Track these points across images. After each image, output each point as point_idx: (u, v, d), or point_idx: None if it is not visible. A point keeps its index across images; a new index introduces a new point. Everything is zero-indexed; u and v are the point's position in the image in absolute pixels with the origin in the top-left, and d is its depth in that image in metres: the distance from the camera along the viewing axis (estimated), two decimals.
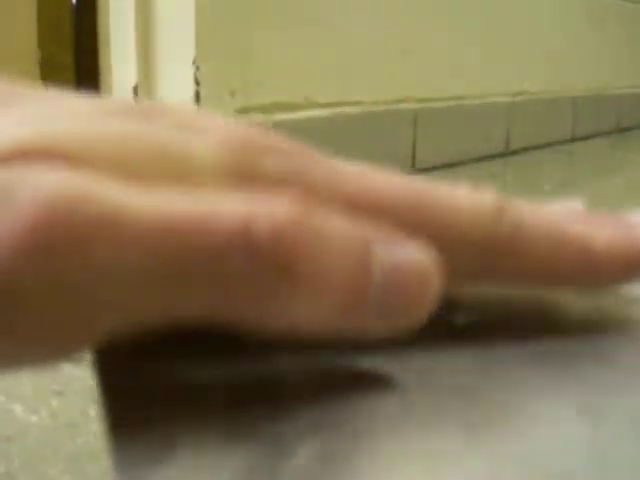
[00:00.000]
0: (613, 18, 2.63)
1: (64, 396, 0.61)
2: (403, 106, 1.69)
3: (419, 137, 1.73)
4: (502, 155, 2.06)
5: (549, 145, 2.29)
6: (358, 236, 0.13)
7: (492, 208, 0.16)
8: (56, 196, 0.11)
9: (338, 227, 0.13)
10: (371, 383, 0.14)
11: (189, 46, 1.17)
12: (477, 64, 1.93)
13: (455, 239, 0.15)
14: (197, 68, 1.17)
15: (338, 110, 1.50)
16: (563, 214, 0.18)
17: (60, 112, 0.14)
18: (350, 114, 1.52)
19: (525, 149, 2.17)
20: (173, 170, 0.13)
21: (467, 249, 0.15)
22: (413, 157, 1.72)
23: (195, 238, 0.12)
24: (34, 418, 0.57)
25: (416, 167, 1.73)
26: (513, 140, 2.12)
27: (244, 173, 0.14)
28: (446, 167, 1.81)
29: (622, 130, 2.78)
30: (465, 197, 0.16)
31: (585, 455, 0.12)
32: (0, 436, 0.55)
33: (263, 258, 0.12)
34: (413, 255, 0.13)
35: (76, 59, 1.26)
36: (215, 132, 0.15)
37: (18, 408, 0.59)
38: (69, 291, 0.11)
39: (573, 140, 2.46)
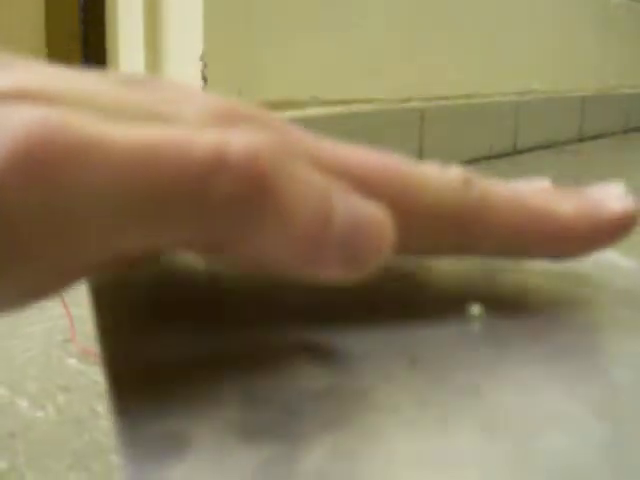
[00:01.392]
0: (622, 17, 2.62)
1: (70, 392, 0.61)
2: (410, 105, 1.68)
3: (426, 136, 1.72)
4: (509, 154, 2.06)
5: (556, 144, 2.29)
6: (324, 186, 0.14)
7: (459, 180, 0.16)
8: (35, 124, 0.11)
9: (307, 173, 0.14)
10: (383, 378, 0.14)
11: (197, 43, 1.17)
12: (484, 63, 1.92)
13: (423, 210, 0.16)
14: (205, 65, 1.17)
15: (345, 108, 1.50)
16: (529, 188, 0.18)
17: (48, 70, 0.14)
18: (357, 112, 1.52)
19: (532, 148, 2.16)
20: (156, 117, 0.14)
21: (435, 220, 0.16)
22: (420, 156, 1.72)
23: (172, 161, 0.12)
24: (40, 414, 0.57)
25: None
26: (520, 139, 2.11)
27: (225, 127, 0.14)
28: None
29: (630, 130, 2.77)
30: (433, 170, 0.16)
31: (601, 454, 0.12)
32: (6, 431, 0.55)
33: (236, 178, 0.13)
34: (372, 209, 0.14)
35: (84, 55, 1.26)
36: (202, 102, 0.15)
37: (24, 403, 0.59)
38: (51, 215, 0.12)
39: (581, 139, 2.45)
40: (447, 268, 0.20)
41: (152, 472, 0.11)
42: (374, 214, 0.14)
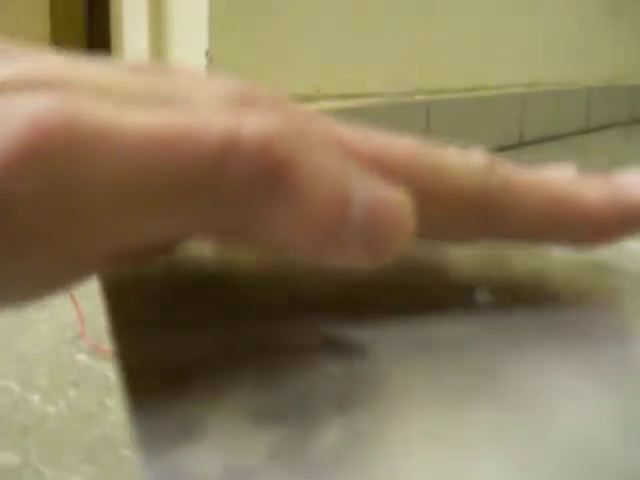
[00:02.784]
0: (628, 8, 2.60)
1: (80, 387, 0.61)
2: (416, 98, 1.68)
3: (432, 128, 1.72)
4: (515, 146, 2.05)
5: (563, 136, 2.28)
6: (342, 169, 0.14)
7: (482, 166, 0.16)
8: (49, 111, 0.11)
9: (323, 156, 0.14)
10: (397, 362, 0.14)
11: (202, 37, 1.17)
12: (490, 55, 1.91)
13: (445, 195, 0.16)
14: (210, 60, 1.17)
15: (350, 102, 1.49)
16: (553, 174, 0.18)
17: (62, 59, 0.14)
18: (362, 105, 1.52)
19: (539, 140, 2.15)
20: (168, 102, 0.14)
21: (457, 205, 0.16)
22: None
23: (185, 147, 0.12)
24: (51, 409, 0.58)
25: None
26: (527, 131, 2.10)
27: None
28: None
29: (637, 121, 2.76)
30: (456, 155, 0.16)
31: (617, 434, 0.12)
32: (17, 427, 0.55)
33: (249, 163, 0.12)
34: (391, 193, 0.14)
35: (89, 52, 1.26)
36: (216, 86, 0.15)
37: (35, 399, 0.59)
38: (67, 202, 0.11)
39: (587, 131, 2.44)
40: (460, 254, 0.20)
41: (166, 455, 0.11)
42: (394, 198, 0.14)
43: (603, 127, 2.52)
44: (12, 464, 0.50)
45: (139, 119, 0.12)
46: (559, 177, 0.17)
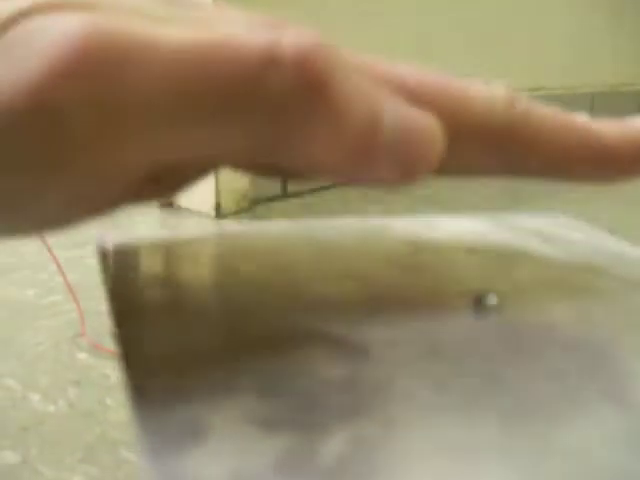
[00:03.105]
0: (633, 13, 2.60)
1: (81, 386, 0.61)
2: None
3: None
4: None
5: None
6: (375, 90, 0.14)
7: (505, 99, 0.17)
8: (87, 26, 0.11)
9: (358, 76, 0.14)
10: (402, 367, 0.14)
11: None
12: (493, 59, 1.91)
13: (469, 125, 0.16)
14: None
15: None
16: (572, 114, 0.18)
17: None
18: None
19: None
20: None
21: (481, 136, 0.16)
22: None
23: (224, 59, 0.12)
24: (51, 408, 0.58)
25: None
26: None
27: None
28: None
29: None
30: (480, 86, 0.17)
31: (620, 442, 0.12)
32: (17, 425, 0.55)
33: (288, 76, 0.12)
34: (422, 115, 0.14)
35: None
36: (248, 15, 0.15)
37: (35, 397, 0.59)
38: (105, 115, 0.12)
39: None
40: (464, 260, 0.20)
41: (170, 460, 0.11)
42: (425, 120, 0.14)
43: None
44: (12, 463, 0.50)
45: (175, 33, 0.12)
46: (576, 115, 0.18)
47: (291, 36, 0.13)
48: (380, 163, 0.14)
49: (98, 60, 0.11)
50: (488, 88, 0.17)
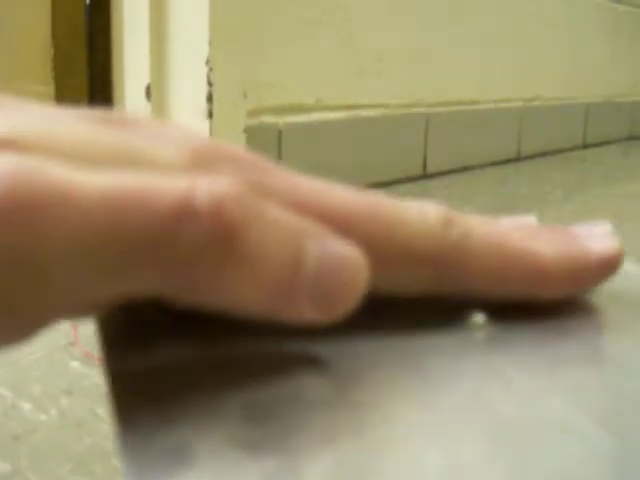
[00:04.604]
0: (627, 25, 2.62)
1: (73, 395, 0.61)
2: (415, 110, 1.68)
3: (430, 141, 1.72)
4: (513, 160, 2.06)
5: (561, 151, 2.29)
6: (295, 226, 0.14)
7: (439, 220, 0.16)
8: (8, 173, 0.12)
9: (277, 214, 0.14)
10: (386, 389, 0.14)
11: (202, 47, 1.17)
12: (490, 69, 1.92)
13: (400, 250, 0.16)
14: (210, 69, 1.17)
15: (350, 113, 1.50)
16: (511, 227, 0.19)
17: (29, 114, 0.15)
18: (362, 117, 1.52)
19: (537, 155, 2.16)
20: (131, 162, 0.14)
21: (415, 260, 0.16)
22: (424, 161, 1.72)
23: (138, 210, 0.12)
24: (43, 417, 0.57)
25: (427, 172, 1.73)
26: (525, 145, 2.11)
27: (200, 169, 0.15)
28: (457, 172, 1.80)
29: (634, 137, 2.77)
30: (413, 209, 0.16)
31: (604, 464, 0.12)
32: (9, 434, 0.55)
33: (202, 227, 0.13)
34: (345, 247, 0.14)
35: (89, 58, 1.26)
36: (182, 141, 0.15)
37: (27, 407, 0.59)
38: (18, 265, 0.12)
39: (585, 147, 2.45)
40: None
41: None
42: (349, 255, 0.14)
43: (600, 143, 2.52)
44: (2, 472, 0.50)
45: (96, 182, 0.12)
46: (517, 229, 0.18)
47: (206, 185, 0.13)
48: (301, 305, 0.14)
49: (16, 207, 0.11)
50: (421, 211, 0.16)
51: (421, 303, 0.19)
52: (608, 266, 0.18)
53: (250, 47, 1.26)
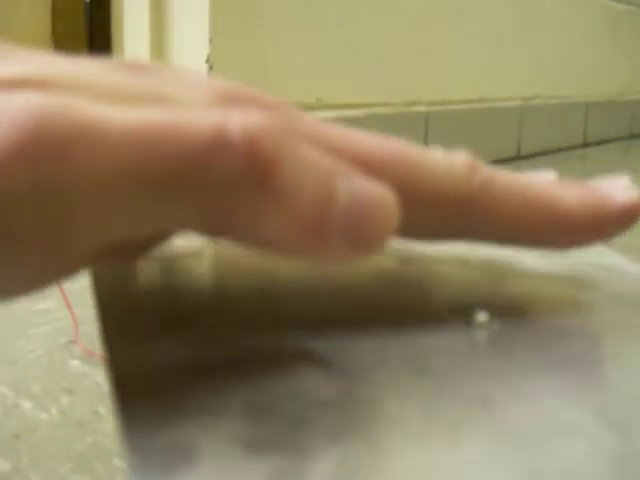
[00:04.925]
0: (628, 24, 2.61)
1: (74, 394, 0.61)
2: (415, 108, 1.68)
3: (430, 140, 1.72)
4: (513, 159, 2.05)
5: (561, 150, 2.28)
6: (327, 165, 0.14)
7: (465, 166, 0.17)
8: (39, 108, 0.11)
9: (309, 152, 0.14)
10: (390, 388, 0.14)
11: (202, 45, 1.17)
12: (490, 67, 1.92)
13: (426, 194, 0.16)
14: (210, 67, 1.17)
15: (350, 111, 1.50)
16: (534, 178, 0.19)
17: (54, 59, 0.15)
18: (362, 115, 1.52)
19: (537, 153, 2.16)
20: (158, 102, 0.14)
21: (437, 204, 0.16)
22: None
23: (171, 143, 0.12)
24: (44, 416, 0.57)
25: None
26: (525, 144, 2.11)
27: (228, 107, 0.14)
28: None
29: (634, 136, 2.77)
30: (440, 156, 0.17)
31: (610, 464, 0.12)
32: (9, 433, 0.55)
33: (235, 159, 0.12)
34: (376, 187, 0.14)
35: (89, 52, 1.26)
36: (208, 84, 0.15)
37: (28, 405, 0.59)
38: (53, 200, 0.11)
39: (585, 145, 2.44)
40: (453, 275, 0.20)
41: None
42: (379, 194, 0.14)
43: (601, 142, 2.52)
44: (2, 471, 0.50)
45: (125, 115, 0.12)
46: (540, 181, 0.18)
47: (239, 118, 0.13)
48: (333, 240, 0.14)
49: (48, 142, 0.11)
50: (447, 156, 0.17)
51: (424, 300, 0.19)
52: (630, 214, 0.18)
53: (250, 46, 1.26)
